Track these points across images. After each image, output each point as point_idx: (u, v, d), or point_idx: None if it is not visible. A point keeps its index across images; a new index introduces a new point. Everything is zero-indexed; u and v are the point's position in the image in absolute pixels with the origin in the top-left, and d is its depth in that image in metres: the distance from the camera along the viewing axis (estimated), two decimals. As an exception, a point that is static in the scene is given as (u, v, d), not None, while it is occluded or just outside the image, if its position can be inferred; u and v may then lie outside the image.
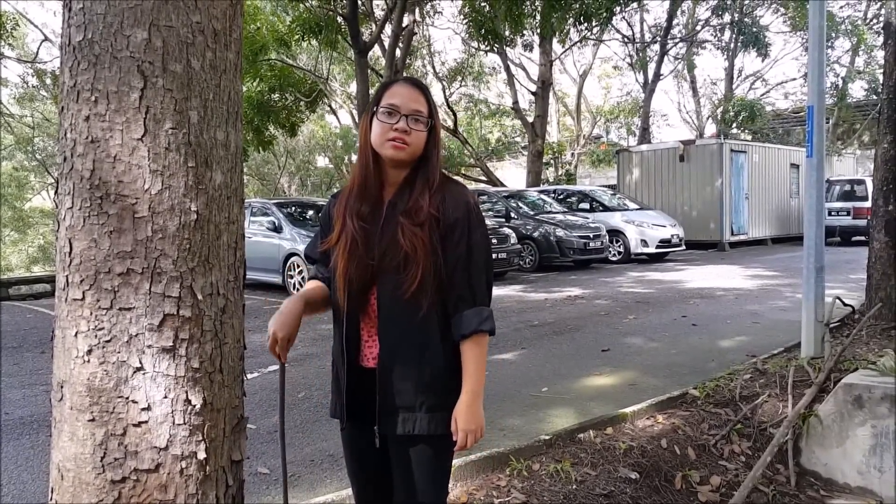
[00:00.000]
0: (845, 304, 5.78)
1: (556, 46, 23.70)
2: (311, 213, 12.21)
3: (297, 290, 10.42)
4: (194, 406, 1.55)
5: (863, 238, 15.67)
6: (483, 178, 26.95)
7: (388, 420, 1.81)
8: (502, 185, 25.14)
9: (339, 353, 1.89)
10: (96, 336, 1.50)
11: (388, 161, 1.83)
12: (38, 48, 24.19)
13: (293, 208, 12.08)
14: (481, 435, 1.81)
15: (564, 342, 6.77)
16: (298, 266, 10.49)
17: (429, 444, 1.82)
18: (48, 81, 21.79)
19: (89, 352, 1.51)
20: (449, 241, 1.80)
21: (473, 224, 1.82)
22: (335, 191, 2.17)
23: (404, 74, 19.48)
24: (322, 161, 36.66)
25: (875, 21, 25.34)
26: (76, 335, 1.52)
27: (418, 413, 1.80)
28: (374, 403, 1.82)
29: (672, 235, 15.49)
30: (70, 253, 1.52)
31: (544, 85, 22.22)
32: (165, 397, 1.52)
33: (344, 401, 1.87)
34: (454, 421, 1.79)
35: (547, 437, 3.69)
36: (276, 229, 10.98)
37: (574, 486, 3.19)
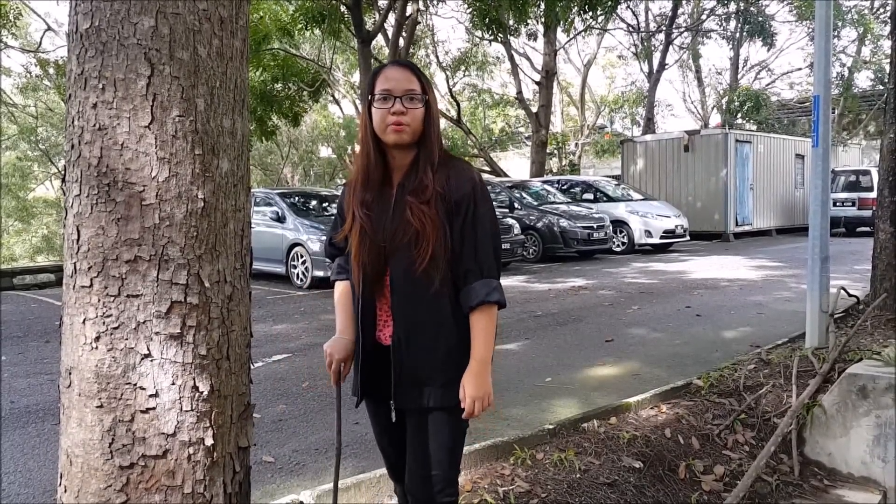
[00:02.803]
0: (850, 295, 5.77)
1: (561, 36, 23.59)
2: (314, 203, 12.19)
3: (300, 279, 10.44)
4: (202, 393, 1.56)
5: (868, 229, 15.63)
6: (486, 168, 26.90)
7: (403, 395, 1.88)
8: (506, 175, 25.10)
9: (357, 332, 1.97)
10: (104, 323, 1.51)
11: (392, 145, 1.87)
12: (42, 38, 24.35)
13: (296, 198, 12.06)
14: (489, 403, 1.86)
15: (568, 333, 6.78)
16: (301, 256, 10.50)
17: (444, 416, 1.89)
18: (51, 71, 21.78)
19: (97, 338, 1.52)
20: (456, 218, 1.85)
21: (479, 199, 1.87)
22: (339, 181, 2.23)
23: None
24: (325, 151, 36.62)
25: (882, 10, 25.16)
26: (84, 322, 1.53)
27: (433, 388, 1.86)
28: (390, 380, 1.89)
29: (676, 226, 15.45)
30: (78, 240, 1.53)
31: (548, 75, 22.14)
32: (173, 384, 1.53)
33: (359, 379, 1.96)
34: (462, 388, 1.84)
35: (551, 427, 3.70)
36: (280, 219, 10.98)
37: (578, 475, 3.20)
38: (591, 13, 15.48)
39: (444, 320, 1.86)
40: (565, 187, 17.30)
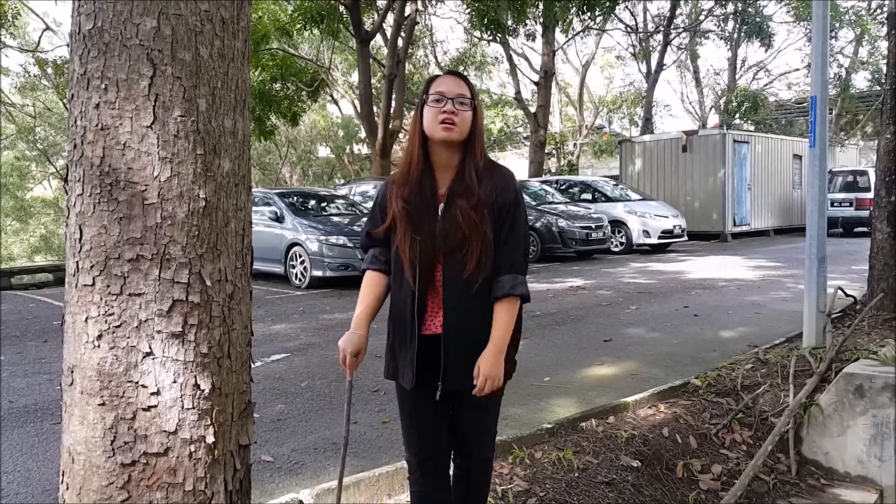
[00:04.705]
0: (847, 295, 5.79)
1: (559, 36, 23.61)
2: (312, 202, 12.19)
3: (299, 279, 10.44)
4: (203, 391, 1.57)
5: (865, 229, 15.65)
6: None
7: (453, 377, 2.08)
8: (504, 175, 25.04)
9: (407, 323, 2.10)
10: (106, 321, 1.52)
11: (440, 143, 2.06)
12: (40, 37, 24.17)
13: (295, 198, 12.06)
14: (498, 384, 2.07)
15: (566, 332, 6.79)
16: (300, 256, 10.51)
17: (491, 392, 2.11)
18: (49, 71, 21.75)
19: (99, 337, 1.53)
20: (498, 221, 2.07)
21: (518, 204, 2.12)
22: (337, 181, 2.32)
23: (406, 64, 19.44)
24: (323, 151, 36.61)
25: (879, 11, 25.20)
26: (86, 320, 1.54)
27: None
28: (435, 365, 2.07)
29: (674, 226, 15.47)
30: (80, 239, 1.54)
31: (547, 75, 22.14)
32: (174, 382, 1.54)
33: (415, 368, 2.08)
34: (477, 367, 2.04)
35: (549, 426, 3.71)
36: (278, 219, 10.98)
37: (576, 474, 3.21)
38: (589, 14, 15.52)
39: (487, 311, 2.08)
40: (564, 187, 17.30)
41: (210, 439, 1.58)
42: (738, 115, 25.96)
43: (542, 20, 17.88)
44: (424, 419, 2.20)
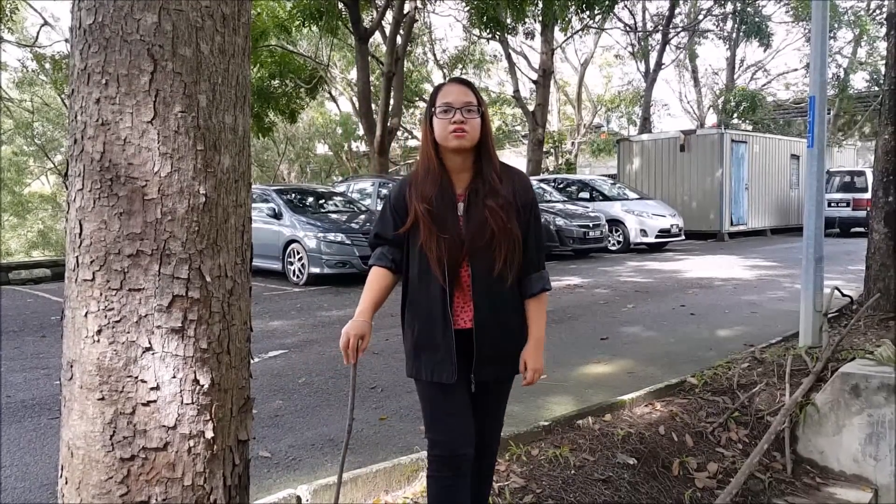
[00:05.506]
0: (844, 295, 5.80)
1: (558, 35, 23.61)
2: (311, 199, 12.18)
3: (297, 276, 10.44)
4: (202, 386, 1.58)
5: (862, 229, 15.68)
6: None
7: (483, 369, 2.19)
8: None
9: (438, 318, 2.16)
10: (106, 316, 1.52)
11: (452, 150, 2.14)
12: (38, 32, 24.00)
13: (293, 195, 12.04)
14: (541, 374, 2.25)
15: (563, 331, 6.80)
16: (298, 253, 10.50)
17: (509, 384, 2.35)
18: (47, 66, 21.66)
19: (99, 332, 1.53)
20: (521, 220, 2.19)
21: (536, 204, 2.26)
22: (335, 178, 2.36)
23: (405, 62, 19.43)
24: (322, 148, 36.56)
25: (878, 12, 25.23)
26: (86, 315, 1.54)
27: (506, 363, 2.24)
28: (464, 358, 2.16)
29: (671, 225, 15.49)
30: (80, 234, 1.54)
31: (545, 73, 22.13)
32: (174, 377, 1.55)
33: (454, 360, 2.15)
34: (523, 362, 2.23)
35: (546, 423, 3.72)
36: (277, 216, 10.96)
37: (572, 472, 3.22)
38: (588, 12, 15.52)
39: (515, 307, 2.21)
40: (561, 186, 17.31)
41: (209, 434, 1.59)
42: (736, 115, 25.98)
43: (541, 18, 17.86)
44: (458, 412, 2.22)
